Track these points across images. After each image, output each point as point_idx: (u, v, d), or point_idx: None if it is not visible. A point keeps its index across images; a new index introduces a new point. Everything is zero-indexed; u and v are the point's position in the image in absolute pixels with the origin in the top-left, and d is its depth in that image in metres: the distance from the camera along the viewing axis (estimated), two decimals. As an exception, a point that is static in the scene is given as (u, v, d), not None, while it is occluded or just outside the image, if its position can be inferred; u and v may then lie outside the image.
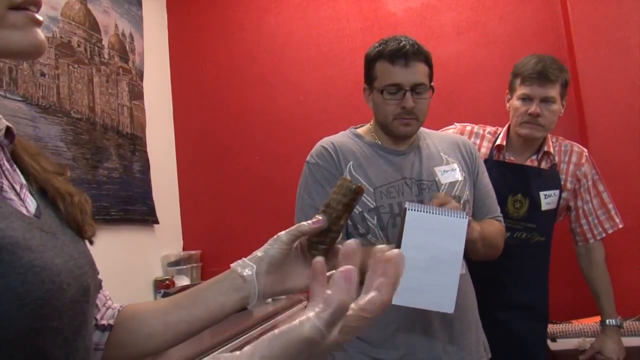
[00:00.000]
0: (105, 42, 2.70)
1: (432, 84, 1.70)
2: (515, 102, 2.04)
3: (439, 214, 1.40)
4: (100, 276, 0.83)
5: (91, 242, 0.81)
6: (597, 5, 2.71)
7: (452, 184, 1.65)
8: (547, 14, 2.93)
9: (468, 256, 1.58)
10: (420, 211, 1.40)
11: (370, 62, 1.69)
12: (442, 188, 1.63)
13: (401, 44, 1.60)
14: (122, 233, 2.67)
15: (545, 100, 1.98)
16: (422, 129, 1.80)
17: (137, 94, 2.95)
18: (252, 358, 0.54)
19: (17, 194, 0.70)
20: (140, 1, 3.08)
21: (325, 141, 1.74)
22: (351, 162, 1.65)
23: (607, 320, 2.04)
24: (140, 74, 3.02)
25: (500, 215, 1.78)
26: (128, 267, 2.68)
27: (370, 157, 1.68)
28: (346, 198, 0.78)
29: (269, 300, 2.80)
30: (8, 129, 0.73)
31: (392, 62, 1.61)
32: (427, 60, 1.65)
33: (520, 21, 2.97)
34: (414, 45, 1.61)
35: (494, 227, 1.70)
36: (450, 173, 1.67)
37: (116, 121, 2.71)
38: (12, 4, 0.64)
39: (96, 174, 2.49)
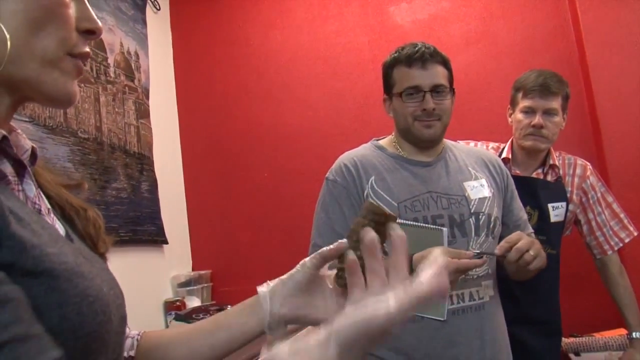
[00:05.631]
0: (111, 61, 2.68)
1: (454, 88, 1.68)
2: (518, 115, 2.08)
3: (418, 225, 1.49)
4: None
5: (104, 260, 0.78)
6: (608, 11, 2.68)
7: (482, 200, 1.61)
8: (557, 22, 2.90)
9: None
10: (402, 224, 1.45)
11: (388, 69, 1.67)
12: (472, 203, 1.59)
13: (417, 47, 1.60)
14: (130, 254, 2.62)
15: (548, 112, 2.02)
16: (447, 140, 1.76)
17: (143, 113, 2.92)
18: (328, 345, 0.52)
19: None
20: (145, 19, 3.06)
21: (346, 157, 1.68)
22: (373, 177, 1.60)
23: (634, 333, 1.99)
24: (146, 92, 2.99)
25: (533, 232, 1.74)
26: (138, 289, 2.62)
27: (393, 170, 1.62)
28: (366, 220, 0.70)
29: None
30: (32, 149, 0.69)
31: (410, 65, 1.59)
32: (445, 63, 1.63)
33: (530, 30, 2.93)
34: (431, 47, 1.60)
35: None
36: (479, 189, 1.63)
37: (123, 140, 2.68)
38: (71, 52, 0.63)
39: (104, 194, 2.45)
